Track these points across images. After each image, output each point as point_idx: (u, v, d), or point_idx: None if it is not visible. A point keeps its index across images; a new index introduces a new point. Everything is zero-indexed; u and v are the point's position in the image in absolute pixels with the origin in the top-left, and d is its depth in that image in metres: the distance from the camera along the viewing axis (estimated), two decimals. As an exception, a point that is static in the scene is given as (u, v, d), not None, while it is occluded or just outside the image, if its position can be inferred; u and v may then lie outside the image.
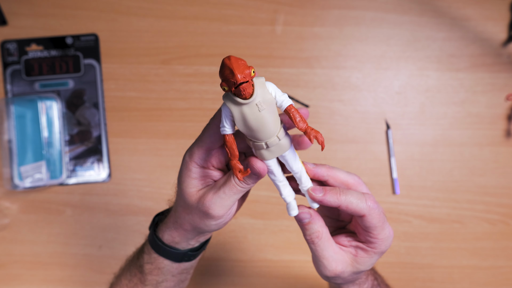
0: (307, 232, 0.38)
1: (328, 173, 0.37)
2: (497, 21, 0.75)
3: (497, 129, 0.74)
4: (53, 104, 0.72)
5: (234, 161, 0.34)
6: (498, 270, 0.73)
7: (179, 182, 0.40)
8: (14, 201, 0.73)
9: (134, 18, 0.74)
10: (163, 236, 0.44)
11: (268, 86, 0.32)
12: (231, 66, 0.29)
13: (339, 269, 0.38)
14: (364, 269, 0.39)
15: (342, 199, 0.36)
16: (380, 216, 0.37)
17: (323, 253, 0.38)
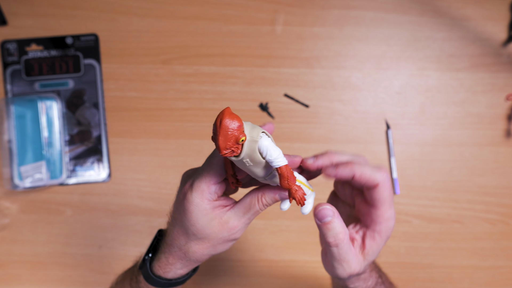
0: (329, 233, 0.35)
1: (331, 159, 0.37)
2: (497, 21, 0.75)
3: (497, 129, 0.74)
4: (53, 104, 0.72)
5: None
6: (498, 270, 0.73)
7: (191, 224, 0.38)
8: (14, 201, 0.73)
9: (134, 18, 0.74)
10: (168, 275, 0.43)
11: (261, 146, 0.32)
12: (218, 135, 0.29)
13: (357, 270, 0.38)
14: (373, 258, 0.38)
15: (356, 168, 0.35)
16: (391, 190, 0.36)
17: (346, 257, 0.37)
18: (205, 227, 0.37)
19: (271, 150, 0.32)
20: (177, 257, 0.42)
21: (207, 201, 0.37)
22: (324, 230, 0.36)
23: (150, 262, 0.44)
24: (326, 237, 0.36)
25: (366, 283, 0.43)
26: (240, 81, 0.74)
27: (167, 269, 0.43)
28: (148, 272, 0.43)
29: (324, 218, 0.35)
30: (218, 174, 0.36)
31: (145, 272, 0.44)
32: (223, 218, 0.38)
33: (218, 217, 0.38)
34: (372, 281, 0.44)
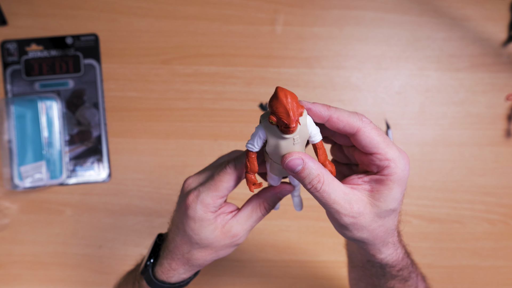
0: (306, 180, 0.33)
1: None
2: (497, 21, 0.75)
3: (497, 129, 0.74)
4: (53, 104, 0.72)
5: (250, 175, 0.35)
6: (498, 270, 0.73)
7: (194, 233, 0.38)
8: (14, 201, 0.73)
9: (134, 18, 0.74)
10: (171, 279, 0.43)
11: (309, 122, 0.33)
12: (288, 108, 0.29)
13: (355, 209, 0.33)
14: (386, 206, 0.34)
15: (332, 110, 0.32)
16: (378, 130, 0.33)
17: (331, 197, 0.32)
18: (208, 236, 0.38)
19: (313, 124, 0.33)
20: (180, 263, 0.42)
21: (211, 213, 0.37)
22: (301, 180, 0.33)
23: (152, 267, 0.44)
24: (305, 186, 0.33)
25: (396, 250, 0.39)
26: (240, 81, 0.74)
27: (170, 274, 0.43)
28: (151, 277, 0.43)
29: (295, 168, 0.32)
30: (226, 189, 0.36)
31: (148, 277, 0.44)
32: (226, 226, 0.38)
33: (220, 226, 0.38)
34: (401, 249, 0.40)
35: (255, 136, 0.33)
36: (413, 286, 0.45)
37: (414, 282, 0.46)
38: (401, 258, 0.40)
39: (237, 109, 0.74)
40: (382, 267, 0.40)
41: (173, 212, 0.42)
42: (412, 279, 0.45)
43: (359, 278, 0.49)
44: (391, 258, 0.39)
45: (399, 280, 0.43)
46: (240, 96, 0.74)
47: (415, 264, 0.47)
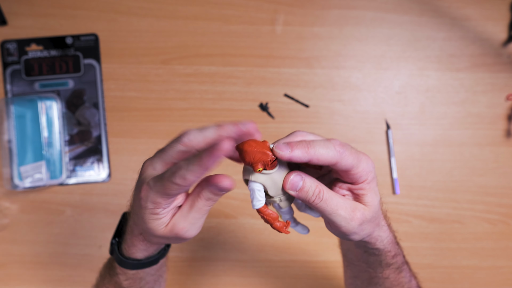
0: (308, 194, 0.35)
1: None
2: (497, 21, 0.75)
3: (497, 129, 0.74)
4: (53, 104, 0.72)
5: (276, 224, 0.37)
6: (498, 270, 0.73)
7: (144, 225, 0.38)
8: (14, 201, 0.73)
9: (134, 18, 0.74)
10: (136, 255, 0.43)
11: None
12: (259, 149, 0.33)
13: (358, 215, 0.36)
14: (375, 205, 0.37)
15: (312, 152, 0.33)
16: (352, 154, 0.35)
17: (334, 204, 0.35)
18: (155, 228, 0.37)
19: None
20: (138, 239, 0.42)
21: (162, 209, 0.36)
22: (303, 195, 0.35)
23: (119, 245, 0.45)
24: (309, 200, 0.35)
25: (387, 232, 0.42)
26: (240, 81, 0.74)
27: (133, 250, 0.43)
28: (118, 255, 0.44)
29: (296, 187, 0.35)
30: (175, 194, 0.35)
31: (116, 256, 0.44)
32: (170, 222, 0.37)
33: (166, 221, 0.37)
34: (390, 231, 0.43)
35: (254, 193, 0.35)
36: (406, 278, 0.47)
37: (407, 275, 0.48)
38: (392, 240, 0.43)
39: (237, 109, 0.74)
40: (379, 254, 0.43)
41: (133, 191, 0.41)
42: (405, 271, 0.47)
43: (355, 276, 0.50)
44: (386, 240, 0.42)
45: (394, 269, 0.45)
46: (240, 96, 0.74)
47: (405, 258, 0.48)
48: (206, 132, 0.35)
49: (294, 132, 0.37)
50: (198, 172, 0.32)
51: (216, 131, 0.35)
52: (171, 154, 0.36)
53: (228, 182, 0.34)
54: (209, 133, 0.35)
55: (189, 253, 0.72)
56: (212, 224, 0.73)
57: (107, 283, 0.49)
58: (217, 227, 0.73)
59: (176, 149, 0.35)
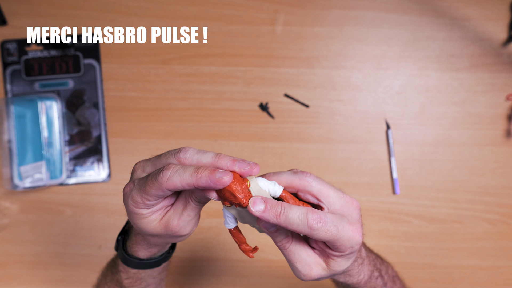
0: (276, 239, 0.37)
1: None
2: (497, 21, 0.75)
3: (497, 129, 0.74)
4: (53, 104, 0.72)
5: (243, 246, 0.38)
6: (498, 270, 0.73)
7: (133, 223, 0.38)
8: (14, 201, 0.73)
9: (134, 18, 0.74)
10: (139, 254, 0.43)
11: (262, 185, 0.35)
12: (232, 190, 0.33)
13: (313, 273, 0.37)
14: (340, 271, 0.37)
15: (282, 219, 0.33)
16: (328, 232, 0.34)
17: (295, 257, 0.37)
18: (145, 227, 0.37)
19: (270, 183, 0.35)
20: (141, 238, 0.42)
21: (143, 209, 0.36)
22: (272, 237, 0.37)
23: (124, 243, 0.45)
24: (275, 242, 0.37)
25: (357, 277, 0.42)
26: (240, 81, 0.74)
27: (137, 248, 0.43)
28: (122, 252, 0.44)
29: (268, 229, 0.36)
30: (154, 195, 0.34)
31: (120, 252, 0.44)
32: (163, 219, 0.37)
33: (157, 219, 0.37)
34: (365, 274, 0.42)
35: (225, 217, 0.37)
36: None
37: None
38: (363, 282, 0.43)
39: (237, 109, 0.74)
40: (345, 286, 0.44)
41: None
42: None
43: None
44: (351, 282, 0.42)
45: None
46: (240, 96, 0.74)
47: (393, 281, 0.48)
48: (203, 156, 0.35)
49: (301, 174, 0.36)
50: (187, 181, 0.32)
51: (213, 159, 0.34)
52: (163, 163, 0.36)
53: (214, 195, 0.34)
54: (207, 158, 0.34)
55: (189, 253, 0.72)
56: (212, 224, 0.73)
57: (109, 281, 0.49)
58: (217, 227, 0.73)
59: (169, 160, 0.35)
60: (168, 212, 0.37)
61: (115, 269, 0.47)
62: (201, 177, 0.32)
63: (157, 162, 0.36)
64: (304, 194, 0.36)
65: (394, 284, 0.49)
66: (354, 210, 0.37)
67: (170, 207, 0.37)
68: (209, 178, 0.32)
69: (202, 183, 0.32)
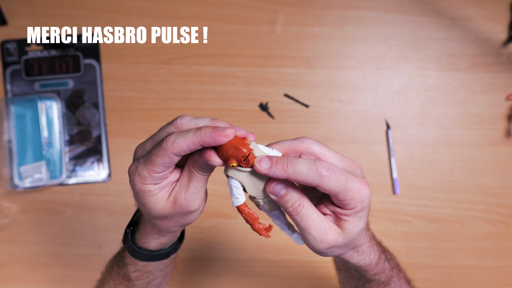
0: (287, 204, 0.35)
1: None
2: (497, 21, 0.75)
3: (497, 129, 0.74)
4: (53, 104, 0.72)
5: (256, 225, 0.37)
6: (498, 270, 0.73)
7: (141, 204, 0.38)
8: (14, 201, 0.73)
9: (134, 18, 0.74)
10: (148, 245, 0.43)
11: (262, 148, 0.35)
12: (234, 144, 0.32)
13: (329, 238, 0.35)
14: (352, 234, 0.36)
15: (290, 171, 0.33)
16: (338, 180, 0.33)
17: (308, 222, 0.35)
18: (154, 207, 0.37)
19: (266, 147, 0.35)
20: (151, 227, 0.42)
21: (151, 185, 0.36)
22: (283, 203, 0.35)
23: (133, 234, 0.44)
24: (286, 209, 0.35)
25: (368, 256, 0.41)
26: (240, 81, 0.74)
27: (147, 239, 0.43)
28: (130, 244, 0.44)
29: (278, 193, 0.35)
30: (161, 164, 0.34)
31: (128, 245, 0.44)
32: (170, 196, 0.37)
33: (165, 196, 0.37)
34: (375, 254, 0.42)
35: (232, 190, 0.36)
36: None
37: (396, 285, 0.47)
38: (374, 262, 0.42)
39: (237, 109, 0.74)
40: (356, 270, 0.43)
41: None
42: (393, 283, 0.46)
43: (343, 281, 0.51)
44: (363, 262, 0.41)
45: (377, 284, 0.45)
46: (240, 96, 0.74)
47: (398, 269, 0.48)
48: (200, 121, 0.35)
49: (301, 138, 0.36)
50: (191, 139, 0.32)
51: (211, 122, 0.34)
52: (163, 135, 0.36)
53: (217, 159, 0.33)
54: (203, 122, 0.35)
55: (190, 253, 0.72)
56: (212, 224, 0.73)
57: (114, 275, 0.49)
58: (217, 227, 0.73)
59: (168, 130, 0.35)
60: (174, 187, 0.37)
61: (122, 263, 0.47)
62: (205, 133, 0.32)
63: (156, 137, 0.36)
64: (306, 157, 0.36)
65: (399, 272, 0.49)
66: (357, 169, 0.37)
67: (175, 183, 0.37)
68: (213, 132, 0.32)
69: (207, 139, 0.32)
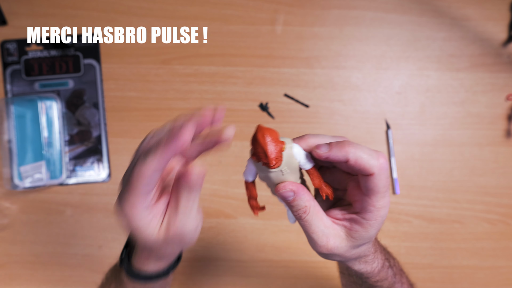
0: (293, 208, 0.35)
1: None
2: (497, 21, 0.75)
3: (497, 129, 0.74)
4: (53, 104, 0.72)
5: (252, 201, 0.38)
6: (498, 270, 0.73)
7: (138, 239, 0.36)
8: (14, 201, 0.73)
9: (134, 18, 0.74)
10: (147, 269, 0.42)
11: (295, 152, 0.34)
12: (266, 149, 0.32)
13: (331, 244, 0.36)
14: (361, 243, 0.36)
15: (351, 152, 0.32)
16: (387, 180, 0.34)
17: (311, 228, 0.35)
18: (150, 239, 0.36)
19: (304, 154, 0.35)
20: (147, 254, 0.41)
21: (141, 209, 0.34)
22: (290, 207, 0.36)
23: (129, 257, 0.43)
24: (292, 212, 0.36)
25: (371, 265, 0.41)
26: (240, 81, 0.74)
27: (145, 265, 0.42)
28: (129, 268, 0.43)
29: (287, 198, 0.35)
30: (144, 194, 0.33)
31: (125, 267, 0.43)
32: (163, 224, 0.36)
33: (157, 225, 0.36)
34: (378, 263, 0.42)
35: (247, 169, 0.36)
36: None
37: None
38: (377, 270, 0.42)
39: (237, 109, 0.74)
40: (358, 276, 0.43)
41: None
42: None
43: (345, 284, 0.50)
44: (365, 270, 0.41)
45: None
46: (240, 96, 0.74)
47: (401, 274, 0.48)
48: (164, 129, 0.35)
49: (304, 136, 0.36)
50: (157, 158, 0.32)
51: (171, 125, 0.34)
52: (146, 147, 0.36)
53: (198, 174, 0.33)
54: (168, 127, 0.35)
55: (189, 253, 0.72)
56: (212, 224, 0.73)
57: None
58: (217, 227, 0.73)
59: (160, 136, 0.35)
60: (165, 215, 0.36)
61: (119, 280, 0.46)
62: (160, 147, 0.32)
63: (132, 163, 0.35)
64: None
65: (402, 277, 0.48)
66: None
67: (165, 211, 0.36)
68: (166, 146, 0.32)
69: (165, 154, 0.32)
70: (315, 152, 0.33)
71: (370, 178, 0.33)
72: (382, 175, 0.33)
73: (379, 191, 0.34)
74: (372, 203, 0.34)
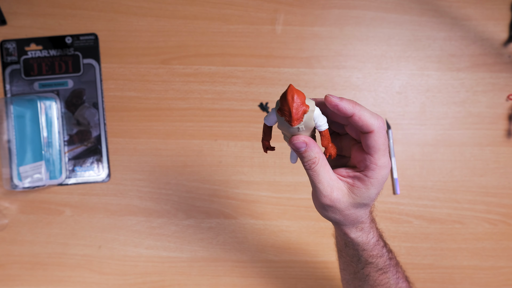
0: (304, 159, 0.40)
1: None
2: (498, 21, 0.75)
3: (498, 129, 0.74)
4: (52, 104, 0.72)
5: (265, 141, 0.42)
6: (499, 270, 0.73)
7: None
8: (13, 202, 0.73)
9: (134, 18, 0.74)
10: None
11: (317, 115, 0.38)
12: (292, 109, 0.36)
13: (334, 195, 0.40)
14: (361, 202, 0.40)
15: (357, 109, 0.37)
16: (386, 140, 0.38)
17: (319, 178, 0.40)
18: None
19: (322, 117, 0.39)
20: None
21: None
22: (301, 158, 0.40)
23: None
24: (302, 163, 0.40)
25: (367, 235, 0.44)
26: (240, 81, 0.74)
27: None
28: None
29: (299, 149, 0.39)
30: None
31: None
32: None
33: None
34: (374, 236, 0.45)
35: (269, 116, 0.40)
36: (392, 280, 0.49)
37: (394, 277, 0.49)
38: (372, 243, 0.45)
39: (237, 109, 0.74)
40: (355, 248, 0.45)
41: None
42: (391, 273, 0.48)
43: (343, 268, 0.52)
44: (361, 239, 0.44)
45: (375, 269, 0.47)
46: (240, 96, 0.74)
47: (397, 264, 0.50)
48: None
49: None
50: None
51: None
52: None
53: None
54: None
55: (189, 253, 0.72)
56: (212, 224, 0.72)
57: None
58: (217, 227, 0.72)
59: None
60: None
61: None
62: None
63: None
64: None
65: (398, 267, 0.50)
66: None
67: None
68: None
69: None
70: (328, 98, 0.37)
71: (371, 135, 0.38)
72: (381, 133, 0.38)
73: (379, 148, 0.38)
74: (374, 161, 0.39)
